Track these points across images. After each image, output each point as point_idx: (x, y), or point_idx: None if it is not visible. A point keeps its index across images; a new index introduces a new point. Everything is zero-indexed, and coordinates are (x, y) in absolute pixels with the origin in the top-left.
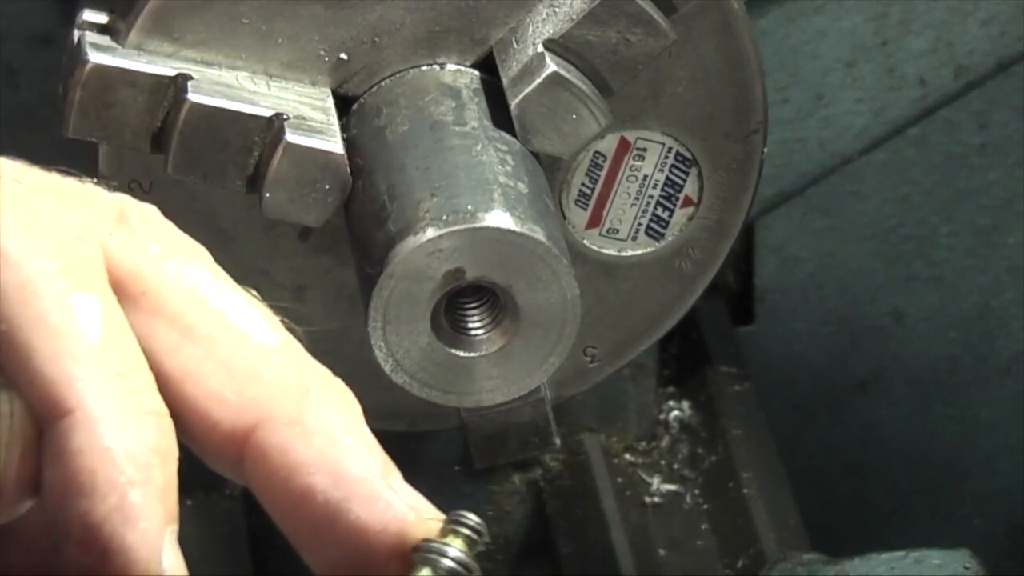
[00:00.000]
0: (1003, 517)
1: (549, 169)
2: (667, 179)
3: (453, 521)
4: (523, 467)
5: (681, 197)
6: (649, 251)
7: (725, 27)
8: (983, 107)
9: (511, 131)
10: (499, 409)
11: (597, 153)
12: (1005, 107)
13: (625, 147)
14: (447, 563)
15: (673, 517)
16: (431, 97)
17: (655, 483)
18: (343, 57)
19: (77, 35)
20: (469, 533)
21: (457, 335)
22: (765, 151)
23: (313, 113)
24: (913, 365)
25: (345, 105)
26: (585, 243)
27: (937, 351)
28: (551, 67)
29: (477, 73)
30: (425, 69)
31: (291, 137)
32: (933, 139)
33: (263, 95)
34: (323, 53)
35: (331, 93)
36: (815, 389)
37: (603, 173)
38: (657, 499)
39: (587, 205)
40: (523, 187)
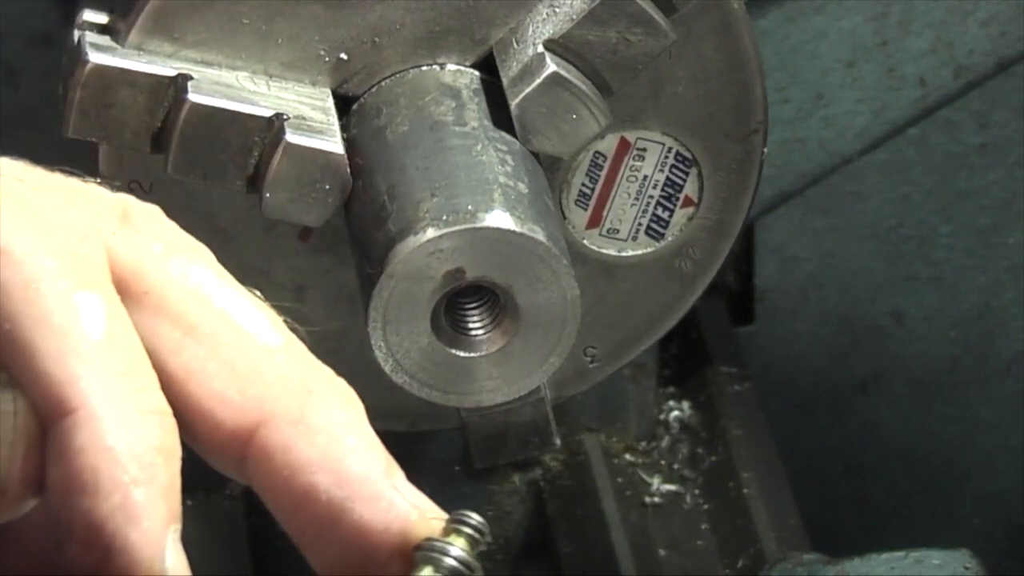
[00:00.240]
0: (1003, 517)
1: (549, 169)
2: (667, 179)
3: (456, 520)
4: (523, 467)
5: (681, 197)
6: (649, 251)
7: (725, 27)
8: (983, 107)
9: (511, 131)
10: (499, 409)
11: (597, 153)
12: (1005, 107)
13: (625, 147)
14: (449, 562)
15: (673, 517)
16: (431, 97)
17: (655, 483)
18: (343, 57)
19: (77, 35)
20: (471, 532)
21: (457, 335)
22: (765, 151)
23: (313, 113)
24: (913, 365)
25: (345, 105)
26: (585, 243)
27: (937, 351)
28: (551, 67)
29: (477, 73)
30: (425, 69)
31: (291, 137)
32: (933, 139)
33: (263, 95)
34: (323, 53)
35: (331, 93)
36: (815, 389)
37: (603, 173)
38: (657, 499)
39: (587, 205)
40: (523, 187)
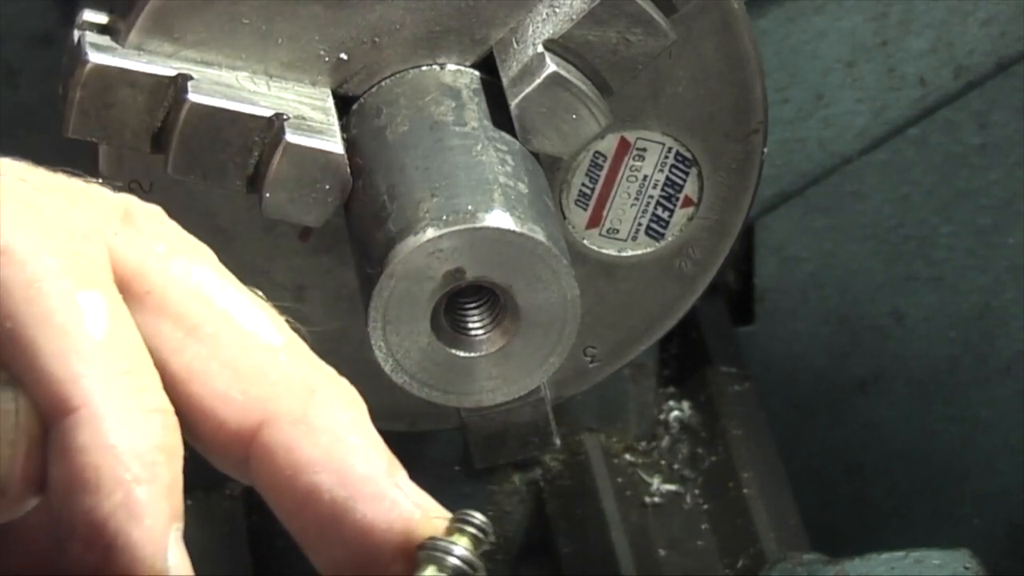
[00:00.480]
0: (1003, 517)
1: (549, 169)
2: (667, 179)
3: (459, 520)
4: (523, 467)
5: (681, 197)
6: (649, 251)
7: (725, 27)
8: (983, 107)
9: (511, 131)
10: (499, 409)
11: (597, 153)
12: (1005, 107)
13: (625, 147)
14: (453, 561)
15: (673, 517)
16: (431, 97)
17: (655, 483)
18: (343, 57)
19: (77, 35)
20: (475, 532)
21: (457, 335)
22: (765, 151)
23: (313, 113)
24: (913, 365)
25: (345, 105)
26: (585, 243)
27: (937, 351)
28: (551, 67)
29: (477, 73)
30: (425, 69)
31: (291, 137)
32: (933, 139)
33: (263, 95)
34: (323, 53)
35: (331, 93)
36: (815, 389)
37: (603, 173)
38: (657, 499)
39: (587, 205)
40: (523, 187)
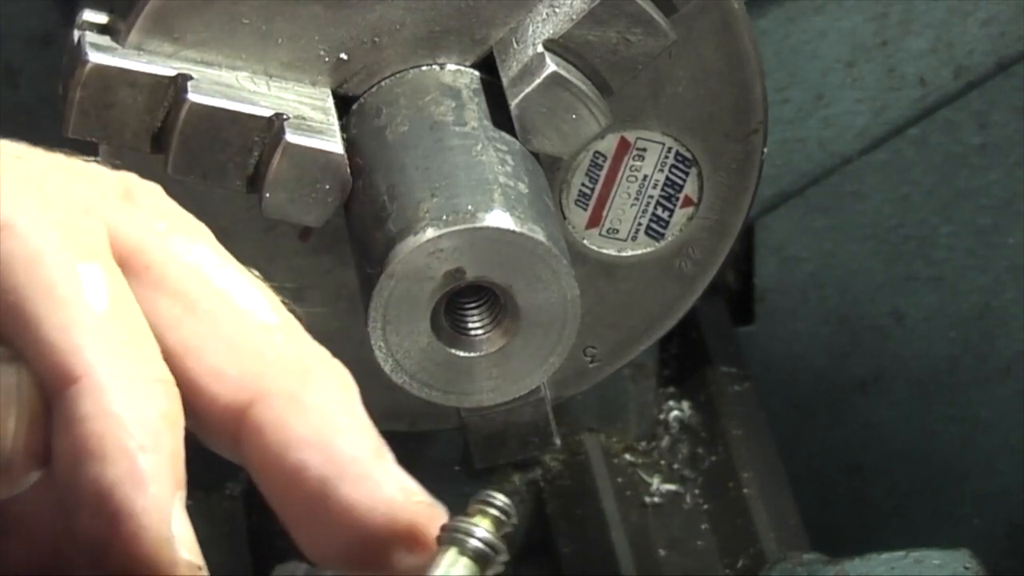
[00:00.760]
0: (1003, 517)
1: (549, 169)
2: (667, 179)
3: (481, 501)
4: (523, 467)
5: (681, 197)
6: (649, 251)
7: (725, 27)
8: (983, 107)
9: (511, 131)
10: (499, 409)
11: (597, 153)
12: (1005, 107)
13: (625, 147)
14: (474, 543)
15: (673, 517)
16: (431, 97)
17: (655, 483)
18: (343, 57)
19: (77, 35)
20: (497, 514)
21: (457, 335)
22: (765, 151)
23: (313, 113)
24: (913, 365)
25: (345, 105)
26: (585, 243)
27: (937, 351)
28: (551, 67)
29: (477, 73)
30: (425, 69)
31: (291, 137)
32: (933, 139)
33: (263, 95)
34: (323, 53)
35: (331, 93)
36: (815, 389)
37: (603, 173)
38: (657, 499)
39: (587, 205)
40: (523, 187)
